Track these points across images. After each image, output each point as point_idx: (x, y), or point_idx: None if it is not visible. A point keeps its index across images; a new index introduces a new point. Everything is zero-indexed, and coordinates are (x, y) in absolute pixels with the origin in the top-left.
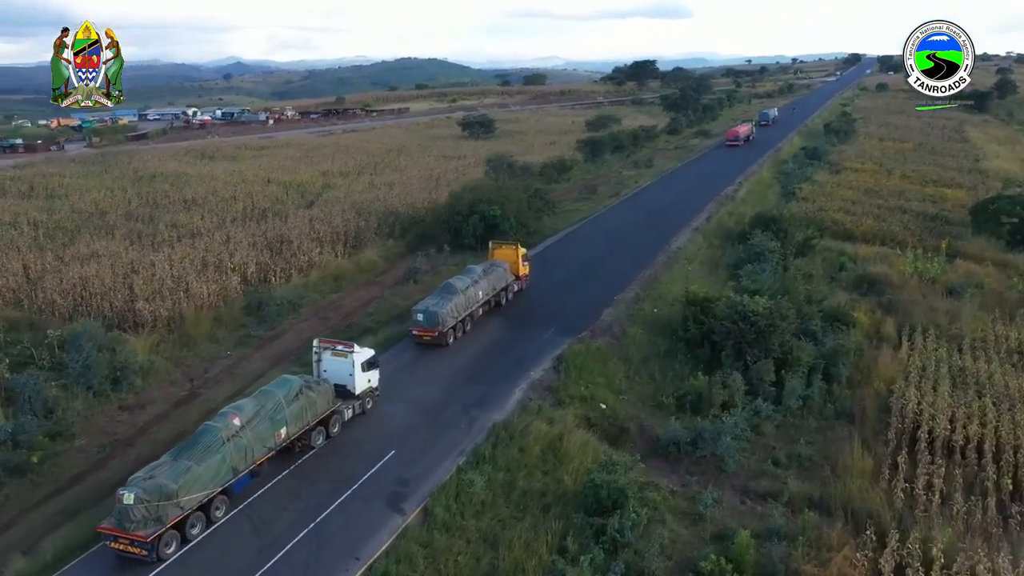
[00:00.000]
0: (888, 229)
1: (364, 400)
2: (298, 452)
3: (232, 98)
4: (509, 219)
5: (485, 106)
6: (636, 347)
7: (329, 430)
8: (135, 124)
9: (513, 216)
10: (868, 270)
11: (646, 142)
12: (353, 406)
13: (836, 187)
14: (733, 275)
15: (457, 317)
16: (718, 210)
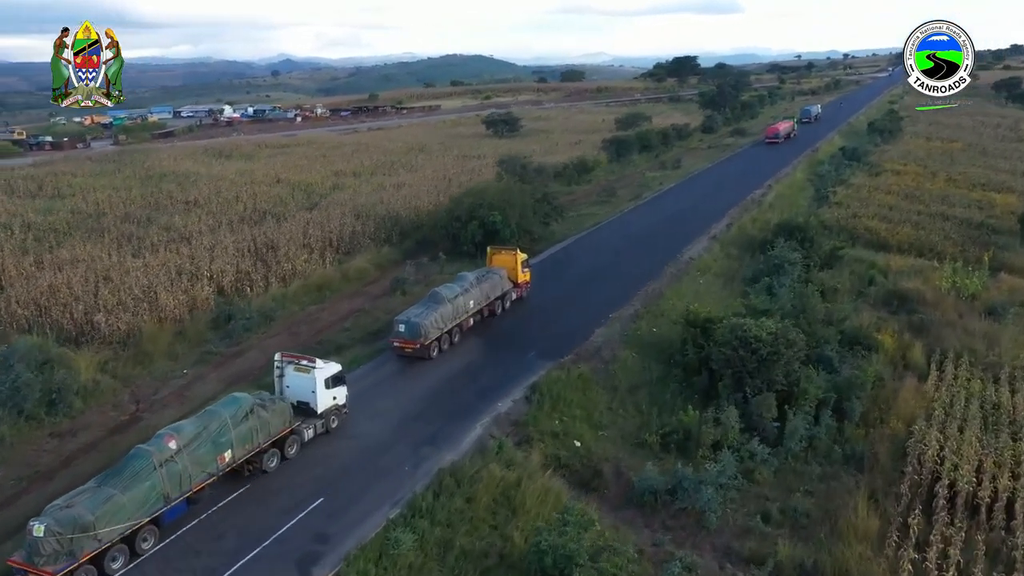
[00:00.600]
0: (927, 238)
1: (328, 419)
2: (248, 476)
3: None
4: (510, 225)
5: (519, 103)
6: (625, 374)
7: (285, 452)
8: (165, 121)
9: (515, 222)
10: (900, 285)
11: (678, 141)
12: (315, 425)
13: (873, 191)
14: (750, 290)
15: (442, 328)
16: (741, 216)
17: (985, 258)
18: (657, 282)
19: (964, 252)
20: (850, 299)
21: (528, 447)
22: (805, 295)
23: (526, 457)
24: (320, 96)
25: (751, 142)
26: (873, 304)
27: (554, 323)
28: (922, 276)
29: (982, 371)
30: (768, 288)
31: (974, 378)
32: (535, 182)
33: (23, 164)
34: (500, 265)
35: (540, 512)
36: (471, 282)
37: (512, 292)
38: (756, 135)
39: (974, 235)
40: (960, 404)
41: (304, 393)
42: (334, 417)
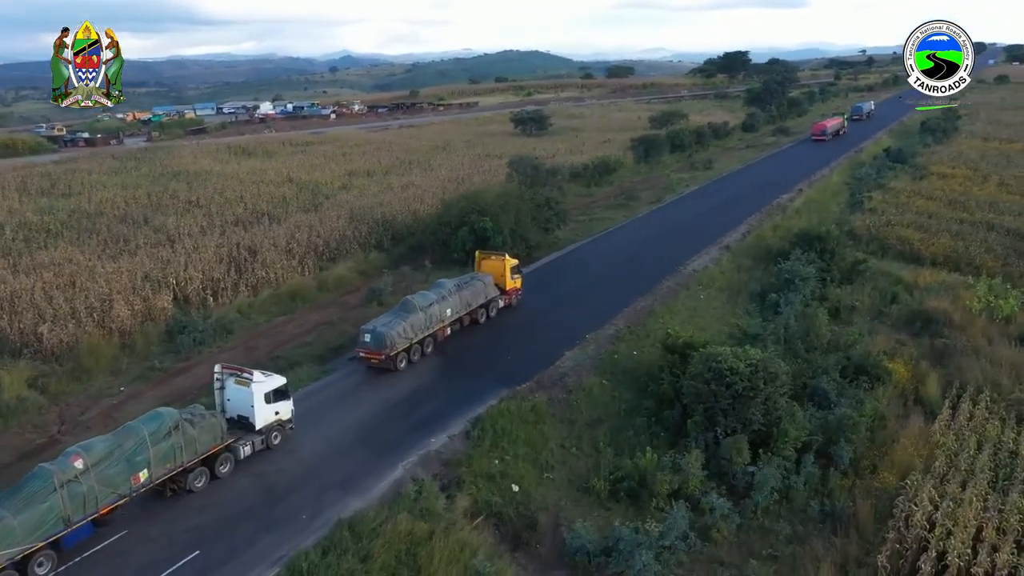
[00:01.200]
0: (965, 250)
1: (269, 435)
2: (170, 496)
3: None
4: (503, 232)
5: (560, 100)
6: (588, 404)
7: (216, 471)
8: (202, 118)
9: (508, 228)
10: (925, 304)
11: (714, 140)
12: (253, 442)
13: (913, 196)
14: (750, 309)
15: (411, 339)
16: (762, 224)
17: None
18: (650, 297)
19: (1007, 267)
20: (867, 319)
21: (456, 491)
22: (808, 316)
23: (449, 505)
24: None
25: (794, 141)
26: (894, 325)
27: (524, 342)
28: (953, 294)
29: (1004, 410)
30: (775, 306)
31: (992, 418)
32: (548, 184)
33: (48, 161)
34: (488, 271)
35: (449, 573)
36: (449, 290)
37: (499, 300)
38: (801, 134)
39: (1021, 248)
40: (970, 451)
41: (244, 407)
42: (276, 433)
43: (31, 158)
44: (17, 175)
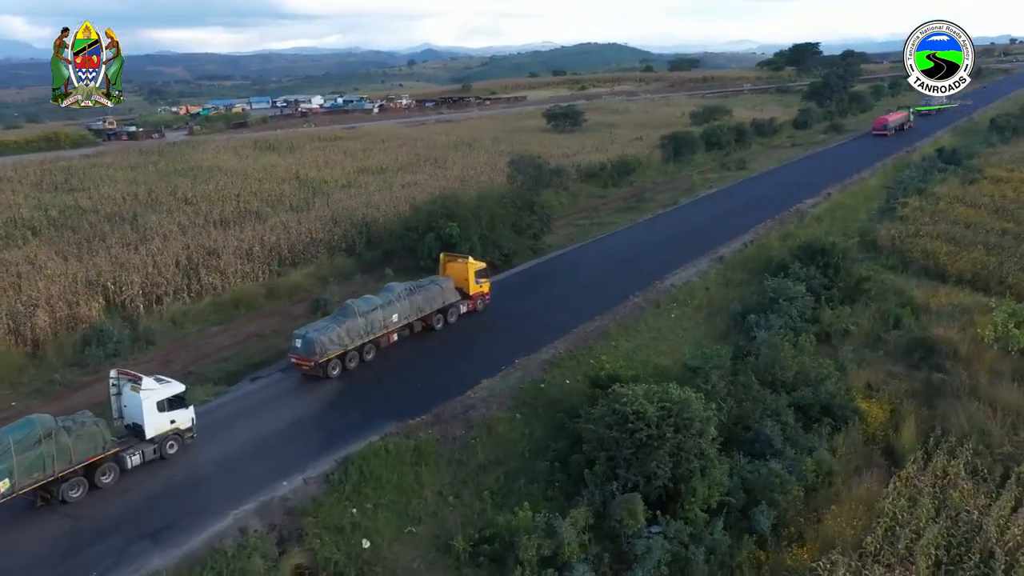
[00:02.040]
0: (999, 267)
1: (163, 444)
2: (40, 506)
3: (411, 83)
4: (470, 239)
5: (612, 94)
6: (488, 445)
7: (97, 480)
8: (248, 112)
9: (477, 235)
10: (929, 331)
11: (759, 138)
12: (143, 451)
13: (954, 203)
14: (735, 329)
15: (346, 345)
16: (770, 232)
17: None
18: (609, 316)
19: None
20: (861, 346)
21: (294, 546)
22: (773, 345)
23: (273, 565)
24: (451, 84)
25: (847, 139)
26: (890, 354)
27: (446, 366)
28: (967, 318)
29: (987, 468)
30: (752, 328)
31: (962, 479)
32: (551, 184)
33: (79, 155)
34: (453, 274)
35: None
36: (398, 294)
37: (461, 305)
38: (857, 131)
39: None
40: (919, 522)
41: (138, 415)
42: (172, 443)
43: (70, 151)
44: (40, 169)
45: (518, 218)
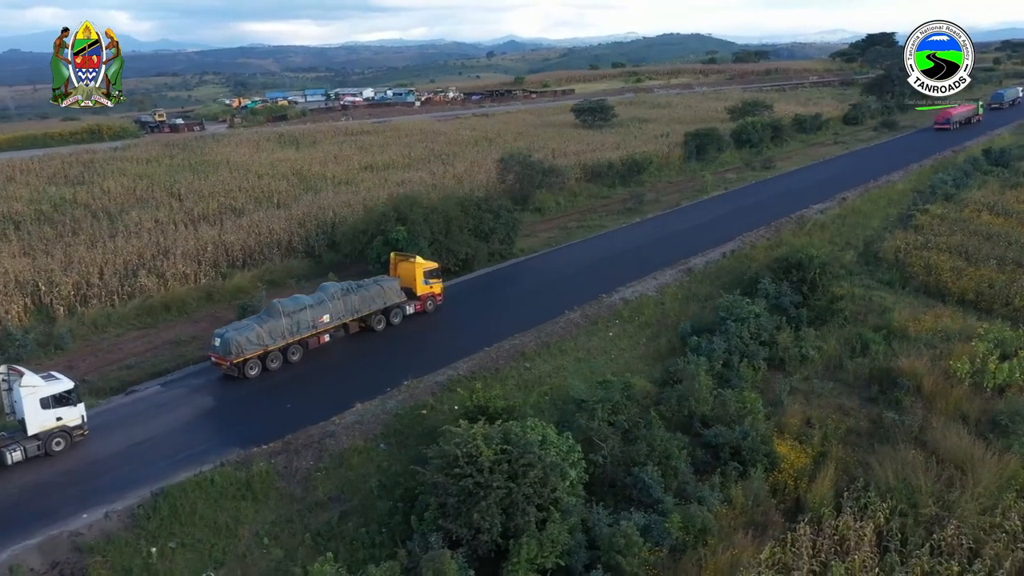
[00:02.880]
0: (1006, 288)
1: (49, 441)
2: None
3: (488, 74)
4: (418, 243)
5: (666, 87)
6: (334, 479)
7: None
8: (293, 105)
9: (427, 240)
10: (896, 361)
11: (801, 134)
12: (26, 447)
13: (980, 212)
14: (680, 351)
15: (266, 345)
16: (760, 240)
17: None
18: (535, 333)
19: None
20: (813, 376)
21: None
22: (690, 375)
23: None
24: (528, 75)
25: (900, 135)
26: (850, 385)
27: (331, 385)
28: (946, 347)
29: (903, 533)
30: (695, 351)
31: (863, 548)
32: (543, 185)
33: (108, 147)
34: (402, 274)
35: None
36: (331, 294)
37: (407, 306)
38: (912, 127)
39: None
40: None
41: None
42: (59, 440)
43: (108, 143)
44: (64, 161)
45: (480, 222)
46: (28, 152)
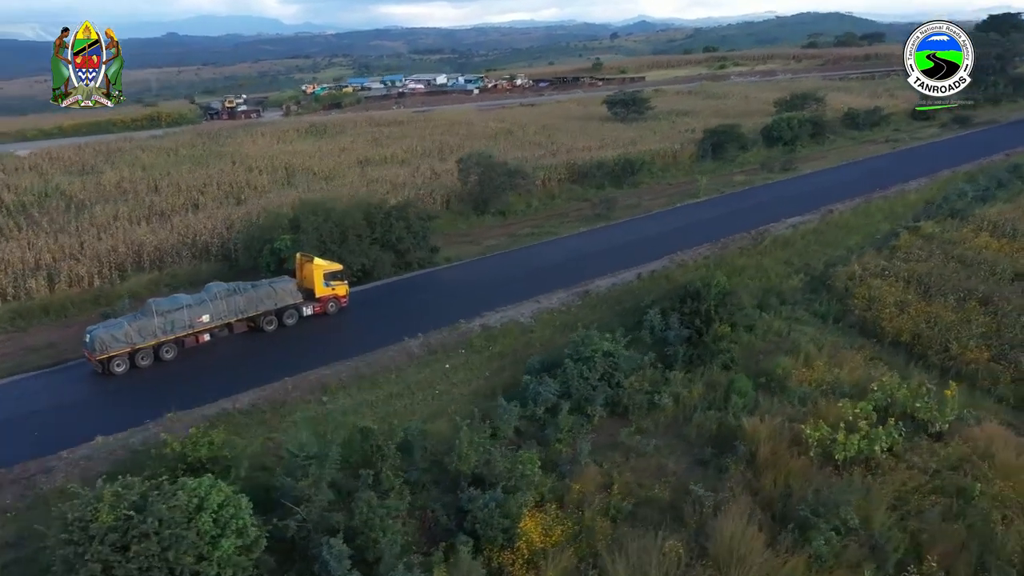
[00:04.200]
0: (951, 330)
1: None
2: None
3: (609, 57)
4: (303, 251)
5: (744, 75)
6: (22, 522)
7: None
8: (360, 91)
9: (317, 248)
10: (734, 420)
11: (852, 131)
12: None
13: (981, 232)
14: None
15: (135, 343)
16: (696, 259)
17: (948, 393)
18: (355, 362)
19: (995, 364)
20: (651, 429)
21: None
22: (456, 425)
23: None
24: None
25: (968, 132)
26: (692, 443)
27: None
28: (824, 405)
29: None
30: (521, 394)
31: None
32: (512, 186)
33: (148, 136)
34: (306, 275)
35: None
36: (213, 295)
37: (304, 307)
38: (999, 121)
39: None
40: None
41: None
42: None
43: (159, 130)
44: (94, 150)
45: (387, 231)
46: (84, 139)
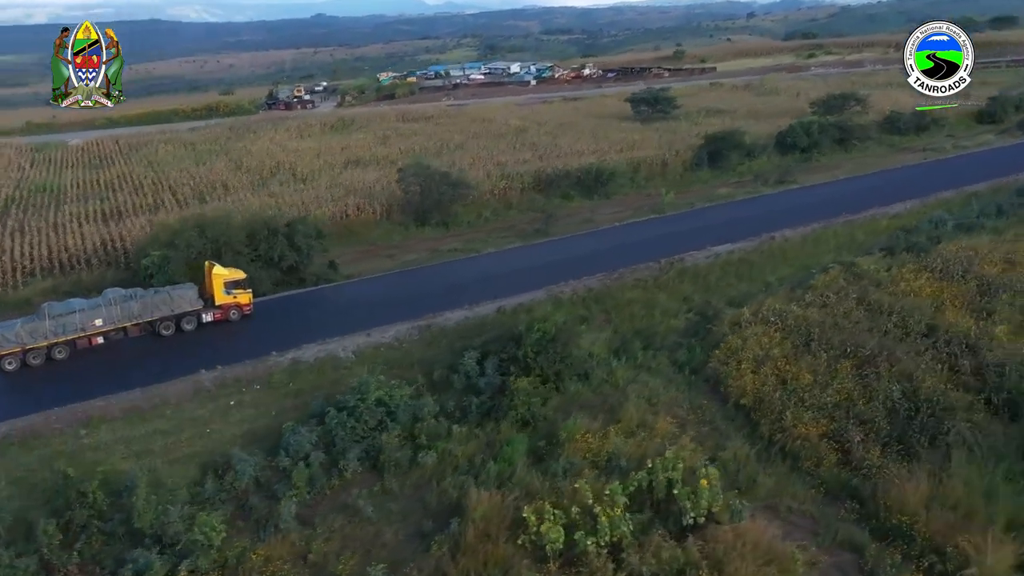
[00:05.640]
0: (803, 392)
1: None
2: None
3: (741, 37)
4: (167, 269)
5: (841, 64)
6: None
7: None
8: (424, 79)
9: (183, 267)
10: (453, 491)
11: (893, 136)
12: None
13: (922, 272)
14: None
15: (24, 344)
16: (579, 289)
17: (705, 480)
18: (135, 394)
19: (824, 445)
20: (392, 491)
21: None
22: (133, 481)
23: None
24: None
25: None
26: (426, 513)
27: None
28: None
29: None
30: (284, 443)
31: None
32: (456, 196)
33: (187, 127)
34: (210, 282)
35: None
36: (109, 300)
37: (205, 314)
38: None
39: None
40: None
41: None
42: None
43: (213, 120)
44: (126, 143)
45: (271, 247)
46: (135, 128)
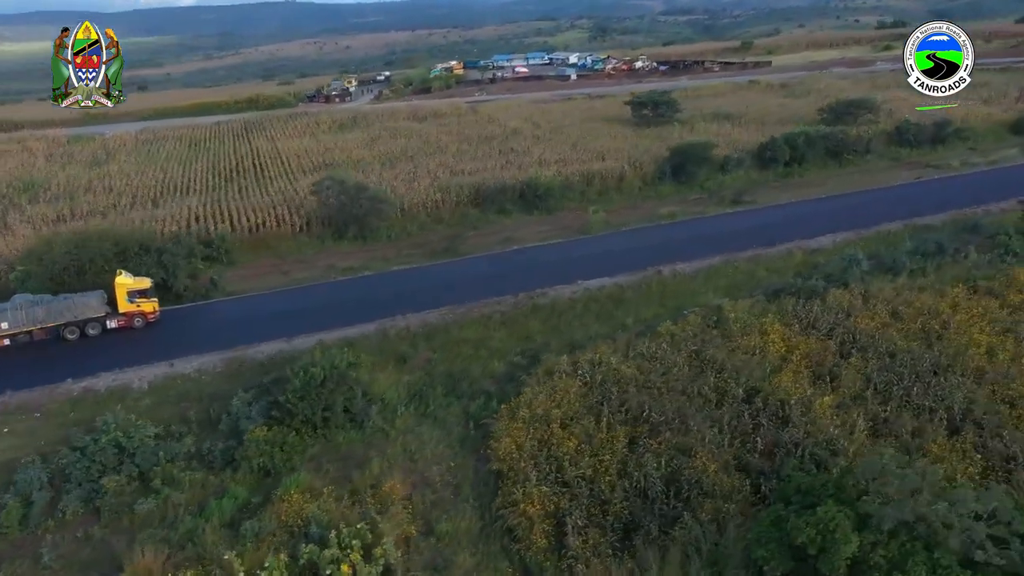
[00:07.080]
0: (553, 466)
1: None
2: None
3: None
4: (28, 284)
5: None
6: None
7: None
8: (467, 74)
9: (50, 281)
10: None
11: (902, 148)
12: None
13: (793, 323)
14: None
15: None
16: (411, 325)
17: (346, 567)
18: None
19: (545, 524)
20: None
21: None
22: None
23: None
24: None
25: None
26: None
27: None
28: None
29: None
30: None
31: None
32: (375, 211)
33: (213, 121)
34: (116, 290)
35: None
36: (15, 305)
37: (109, 320)
38: None
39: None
40: None
41: None
42: None
43: (254, 113)
44: (144, 137)
45: (139, 264)
46: (167, 121)
